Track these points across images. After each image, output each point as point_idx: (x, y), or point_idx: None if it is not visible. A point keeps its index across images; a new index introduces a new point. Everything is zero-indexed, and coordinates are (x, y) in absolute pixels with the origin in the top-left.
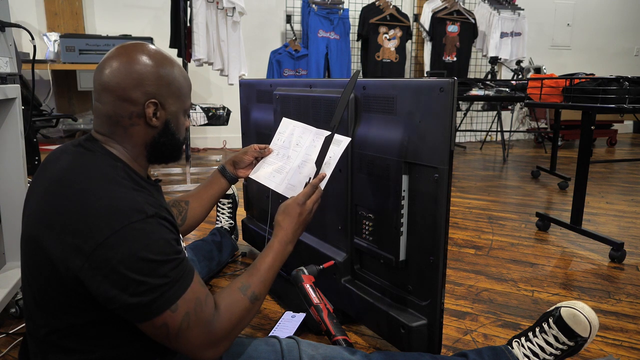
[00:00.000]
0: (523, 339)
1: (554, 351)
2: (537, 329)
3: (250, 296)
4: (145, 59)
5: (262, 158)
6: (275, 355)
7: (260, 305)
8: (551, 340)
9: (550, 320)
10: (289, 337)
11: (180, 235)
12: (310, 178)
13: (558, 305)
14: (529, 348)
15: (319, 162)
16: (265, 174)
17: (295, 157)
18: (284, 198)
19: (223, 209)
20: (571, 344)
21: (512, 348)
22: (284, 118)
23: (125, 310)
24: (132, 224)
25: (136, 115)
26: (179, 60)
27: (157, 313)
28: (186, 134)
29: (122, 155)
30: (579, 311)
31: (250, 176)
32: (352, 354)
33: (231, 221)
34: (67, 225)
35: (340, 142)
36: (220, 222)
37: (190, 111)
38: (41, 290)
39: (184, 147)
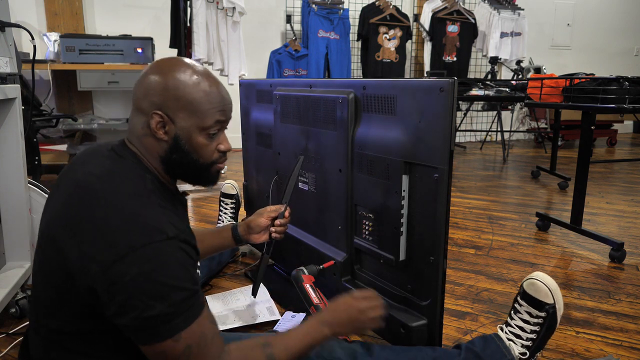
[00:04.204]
0: (504, 325)
1: (533, 327)
2: (512, 312)
3: (269, 355)
4: (160, 70)
5: (277, 218)
6: None
7: None
8: (526, 317)
9: (519, 298)
10: None
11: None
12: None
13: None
14: (510, 332)
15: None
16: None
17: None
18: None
19: (226, 208)
20: (542, 314)
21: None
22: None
23: (129, 329)
24: (151, 244)
25: (147, 125)
26: None
27: (159, 340)
28: (217, 159)
29: (149, 164)
30: (535, 279)
31: None
32: (350, 343)
33: (233, 221)
34: (88, 235)
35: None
36: (222, 221)
37: None
38: (54, 291)
39: (214, 171)
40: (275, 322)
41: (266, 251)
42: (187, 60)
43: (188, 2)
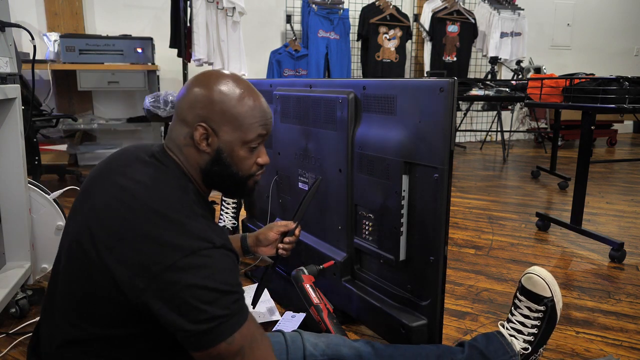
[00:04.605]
0: (506, 321)
1: (534, 322)
2: (512, 308)
3: None
4: (206, 83)
5: (287, 234)
6: (280, 345)
7: None
8: (526, 312)
9: (518, 294)
10: (292, 331)
11: None
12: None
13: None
14: (512, 328)
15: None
16: None
17: None
18: (285, 197)
19: (228, 208)
20: (542, 308)
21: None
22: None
23: (183, 336)
24: (200, 251)
25: (190, 136)
26: (179, 60)
27: (213, 344)
28: (255, 171)
29: (190, 174)
30: (532, 273)
31: None
32: (354, 341)
33: (234, 221)
34: (137, 244)
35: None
36: (224, 221)
37: None
38: (83, 296)
39: (251, 184)
40: (275, 322)
41: (272, 265)
42: (230, 73)
43: (188, 2)
